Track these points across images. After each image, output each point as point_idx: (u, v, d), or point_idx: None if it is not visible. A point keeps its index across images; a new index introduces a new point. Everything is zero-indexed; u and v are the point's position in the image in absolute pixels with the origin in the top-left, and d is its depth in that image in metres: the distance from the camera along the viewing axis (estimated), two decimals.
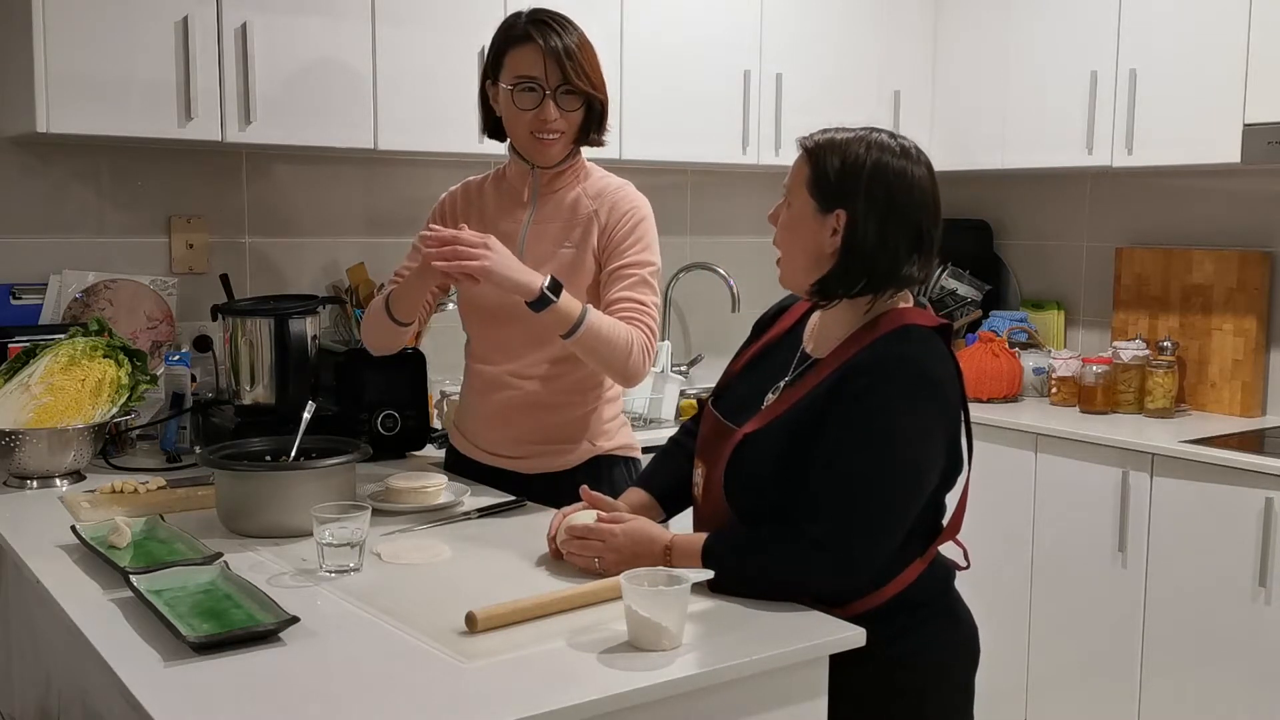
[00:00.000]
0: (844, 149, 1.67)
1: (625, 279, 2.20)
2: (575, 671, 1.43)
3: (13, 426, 2.30)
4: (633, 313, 2.17)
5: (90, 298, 2.86)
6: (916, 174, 1.70)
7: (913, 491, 1.64)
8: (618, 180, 2.31)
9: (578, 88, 2.17)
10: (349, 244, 3.23)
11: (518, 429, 2.31)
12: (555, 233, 2.27)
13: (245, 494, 1.99)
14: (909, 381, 1.63)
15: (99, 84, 2.51)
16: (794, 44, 3.56)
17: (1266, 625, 2.83)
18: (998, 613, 3.35)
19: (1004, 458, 3.37)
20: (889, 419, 1.61)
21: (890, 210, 1.67)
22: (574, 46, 2.17)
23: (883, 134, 1.70)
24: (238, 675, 1.41)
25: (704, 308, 3.87)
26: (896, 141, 1.70)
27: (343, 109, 2.81)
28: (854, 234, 1.66)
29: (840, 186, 1.66)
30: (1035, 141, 3.62)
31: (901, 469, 1.62)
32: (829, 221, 1.67)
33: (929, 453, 1.64)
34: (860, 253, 1.66)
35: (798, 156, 1.73)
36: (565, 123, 2.20)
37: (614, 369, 2.14)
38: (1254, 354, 3.40)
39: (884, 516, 1.63)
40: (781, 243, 1.74)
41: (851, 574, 1.64)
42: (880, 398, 1.61)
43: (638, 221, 2.24)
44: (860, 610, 1.66)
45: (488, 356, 2.34)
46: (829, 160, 1.67)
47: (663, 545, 1.73)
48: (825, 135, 1.71)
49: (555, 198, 2.29)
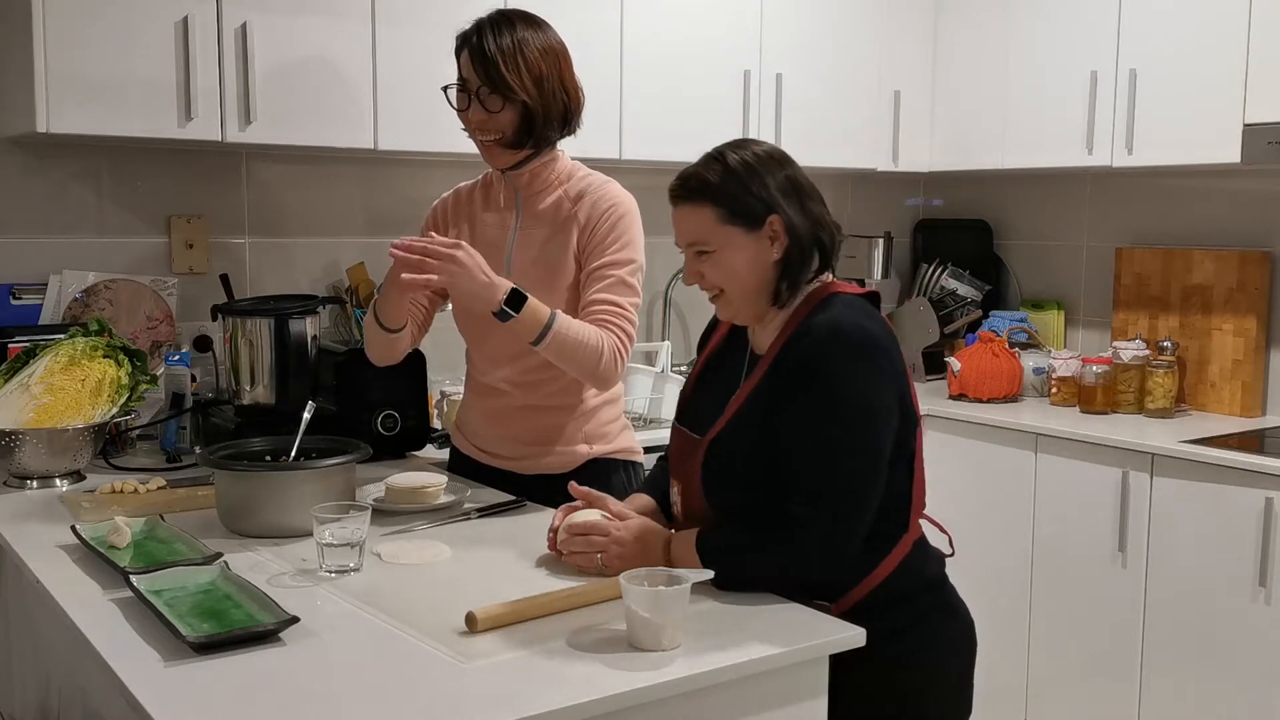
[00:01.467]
0: (737, 174, 1.73)
1: (603, 280, 2.19)
2: (575, 671, 1.43)
3: (13, 426, 2.30)
4: (607, 315, 2.16)
5: (90, 298, 2.86)
6: (788, 161, 1.78)
7: (877, 447, 1.67)
8: (600, 178, 2.30)
9: (497, 89, 2.16)
10: (349, 244, 3.23)
11: (511, 432, 2.33)
12: (541, 237, 2.27)
13: (245, 494, 1.99)
14: (848, 341, 1.67)
15: (99, 84, 2.51)
16: (794, 44, 3.56)
17: (1266, 625, 2.83)
18: (998, 613, 3.35)
19: (1004, 458, 3.37)
20: (838, 383, 1.65)
21: (800, 194, 1.75)
22: (505, 47, 2.15)
23: (735, 146, 1.77)
24: (238, 675, 1.40)
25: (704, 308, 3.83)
26: (754, 146, 1.77)
27: (342, 109, 2.81)
28: (793, 229, 1.72)
29: (761, 200, 1.72)
30: (1035, 141, 3.62)
31: (862, 428, 1.66)
32: (764, 234, 1.72)
33: (883, 406, 1.68)
34: (806, 240, 1.74)
35: (684, 210, 1.76)
36: (494, 124, 2.19)
37: (585, 373, 2.15)
38: (1254, 354, 3.40)
39: (857, 479, 1.65)
40: (723, 283, 1.77)
41: (839, 547, 1.65)
42: (824, 364, 1.66)
43: (618, 218, 2.23)
44: (856, 599, 1.68)
45: (479, 363, 2.37)
46: (735, 190, 1.72)
47: (665, 542, 1.75)
48: (700, 179, 1.74)
49: (538, 201, 2.29)
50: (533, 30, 2.20)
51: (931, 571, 1.80)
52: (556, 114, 2.23)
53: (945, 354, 3.91)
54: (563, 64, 2.23)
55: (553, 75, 2.21)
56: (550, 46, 2.21)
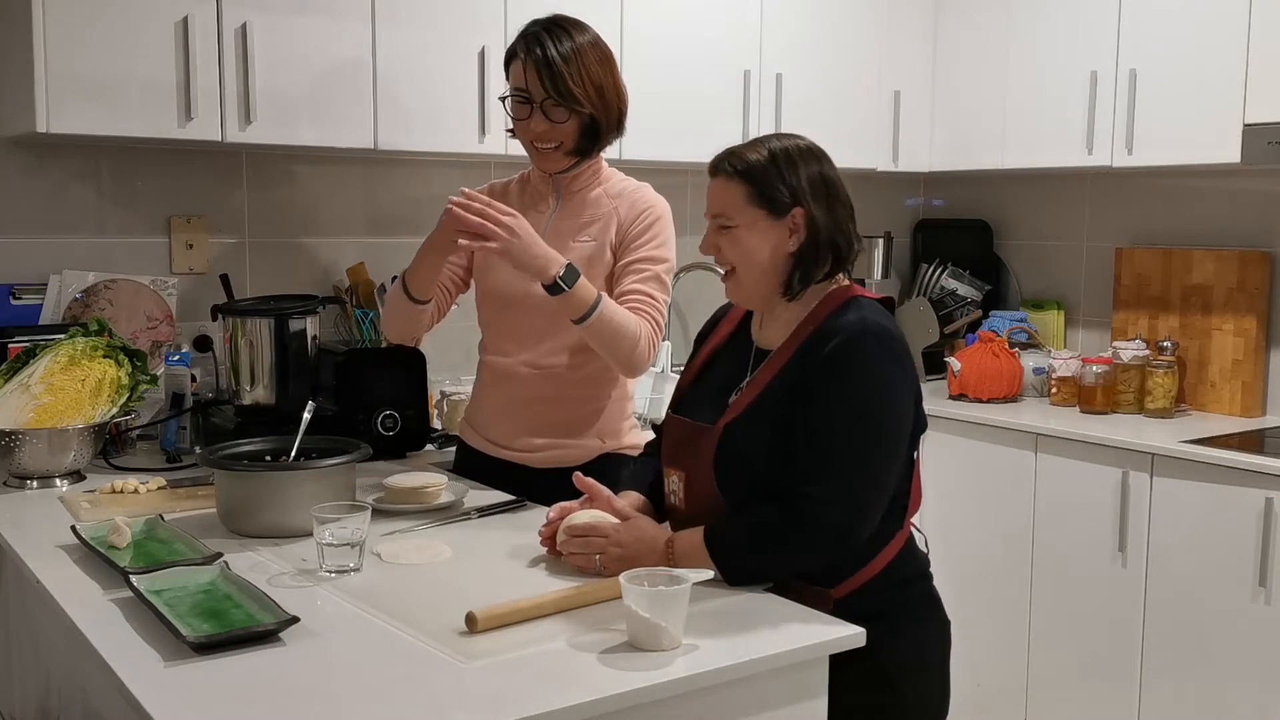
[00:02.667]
0: (775, 160, 1.78)
1: (638, 273, 2.25)
2: (575, 671, 1.43)
3: (13, 426, 2.30)
4: (642, 304, 2.21)
5: (90, 298, 2.86)
6: (829, 163, 1.83)
7: (896, 442, 1.73)
8: (636, 182, 2.37)
9: (564, 101, 2.18)
10: (349, 244, 3.23)
11: (529, 421, 2.33)
12: (576, 228, 2.31)
13: (245, 494, 1.99)
14: (877, 341, 1.72)
15: (99, 84, 2.51)
16: (794, 44, 3.56)
17: (1266, 625, 2.83)
18: (998, 613, 3.35)
19: (1004, 458, 3.37)
20: (866, 377, 1.70)
21: (831, 195, 1.79)
22: (566, 55, 2.18)
23: (783, 137, 1.83)
24: (238, 675, 1.41)
25: (704, 308, 3.83)
26: (797, 140, 1.82)
27: (343, 109, 2.80)
28: (815, 226, 1.77)
29: (789, 190, 1.76)
30: (1035, 141, 3.62)
31: (885, 421, 1.71)
32: (784, 224, 1.77)
33: (904, 405, 1.74)
34: (824, 240, 1.78)
35: (718, 183, 1.82)
36: (557, 134, 2.22)
37: (619, 357, 2.18)
38: (1254, 354, 3.40)
39: (875, 469, 1.70)
40: (736, 260, 1.81)
41: (849, 530, 1.69)
42: (852, 358, 1.71)
43: (654, 220, 2.29)
44: (851, 588, 1.72)
45: (502, 347, 2.36)
46: (767, 174, 1.77)
47: (663, 543, 1.76)
48: (741, 158, 1.80)
49: (577, 197, 2.33)
50: (585, 36, 2.23)
51: (919, 566, 1.86)
52: (614, 120, 2.27)
53: (945, 354, 3.91)
54: (615, 69, 2.28)
55: (610, 82, 2.25)
56: (605, 54, 2.25)
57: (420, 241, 2.44)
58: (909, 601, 1.81)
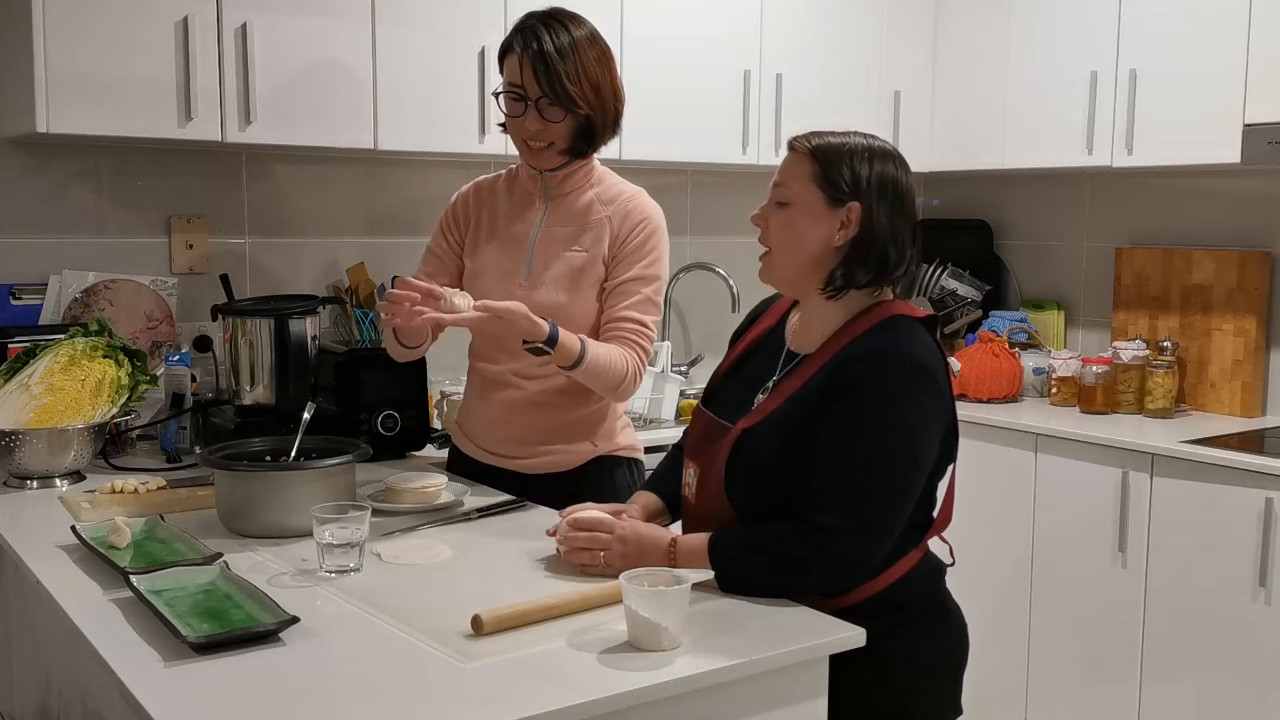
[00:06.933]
0: (850, 149, 1.73)
1: (631, 296, 2.20)
2: (575, 672, 1.43)
3: (13, 426, 2.30)
4: (632, 334, 2.18)
5: (90, 298, 2.86)
6: (906, 173, 1.77)
7: (914, 477, 1.68)
8: (632, 188, 2.30)
9: (560, 100, 2.13)
10: (349, 244, 3.23)
11: (520, 428, 2.31)
12: (566, 236, 2.26)
13: (245, 494, 1.99)
14: (905, 371, 1.67)
15: (99, 84, 2.51)
16: (794, 44, 3.56)
17: (1266, 625, 2.83)
18: (998, 613, 3.36)
19: (1004, 458, 3.37)
20: (889, 408, 1.65)
21: (896, 204, 1.73)
22: (564, 51, 2.12)
23: (870, 136, 1.78)
24: (238, 675, 1.41)
25: (704, 308, 3.87)
26: (883, 143, 1.78)
27: (343, 109, 2.80)
28: (869, 227, 1.71)
29: (853, 182, 1.71)
30: (1035, 141, 3.62)
31: (903, 455, 1.66)
32: (838, 215, 1.71)
33: (927, 439, 1.69)
34: (874, 245, 1.71)
35: (791, 156, 1.77)
36: (551, 133, 2.17)
37: (607, 391, 2.18)
38: (1254, 354, 3.40)
39: (889, 503, 1.66)
40: (778, 239, 1.76)
41: (858, 563, 1.66)
42: (878, 387, 1.65)
43: (650, 233, 2.24)
44: (854, 601, 1.68)
45: (491, 355, 2.33)
46: (837, 159, 1.72)
47: (667, 543, 1.74)
48: (821, 137, 1.76)
49: (567, 200, 2.28)
50: (583, 30, 2.17)
51: (930, 579, 1.80)
52: (611, 120, 2.22)
53: (945, 354, 3.90)
54: (613, 66, 2.22)
55: (607, 81, 2.19)
56: (603, 51, 2.19)
57: (420, 242, 2.44)
58: (915, 615, 1.75)
